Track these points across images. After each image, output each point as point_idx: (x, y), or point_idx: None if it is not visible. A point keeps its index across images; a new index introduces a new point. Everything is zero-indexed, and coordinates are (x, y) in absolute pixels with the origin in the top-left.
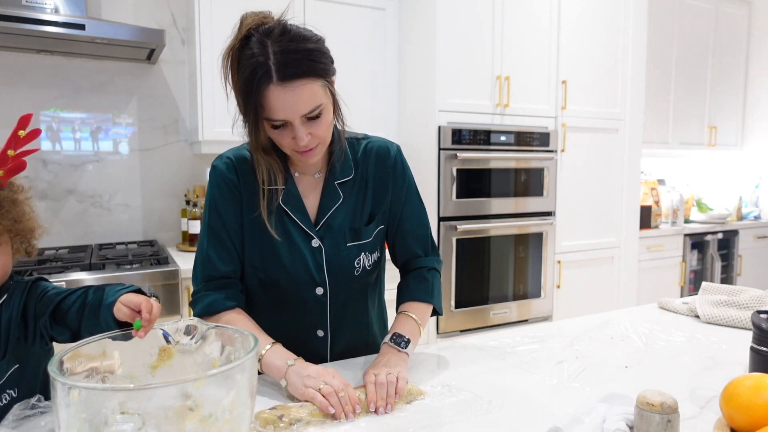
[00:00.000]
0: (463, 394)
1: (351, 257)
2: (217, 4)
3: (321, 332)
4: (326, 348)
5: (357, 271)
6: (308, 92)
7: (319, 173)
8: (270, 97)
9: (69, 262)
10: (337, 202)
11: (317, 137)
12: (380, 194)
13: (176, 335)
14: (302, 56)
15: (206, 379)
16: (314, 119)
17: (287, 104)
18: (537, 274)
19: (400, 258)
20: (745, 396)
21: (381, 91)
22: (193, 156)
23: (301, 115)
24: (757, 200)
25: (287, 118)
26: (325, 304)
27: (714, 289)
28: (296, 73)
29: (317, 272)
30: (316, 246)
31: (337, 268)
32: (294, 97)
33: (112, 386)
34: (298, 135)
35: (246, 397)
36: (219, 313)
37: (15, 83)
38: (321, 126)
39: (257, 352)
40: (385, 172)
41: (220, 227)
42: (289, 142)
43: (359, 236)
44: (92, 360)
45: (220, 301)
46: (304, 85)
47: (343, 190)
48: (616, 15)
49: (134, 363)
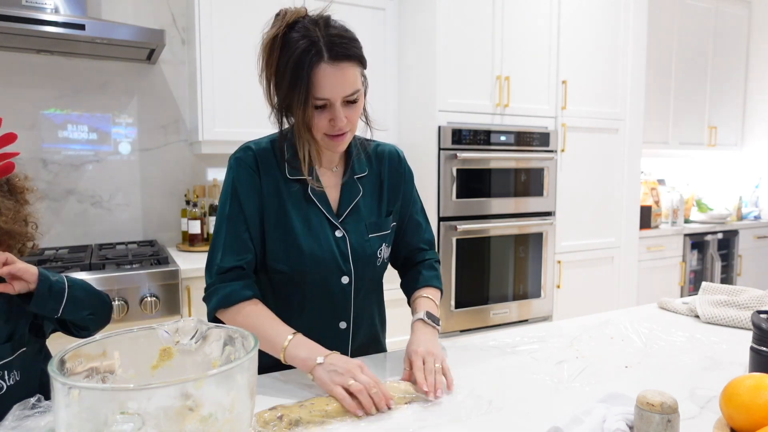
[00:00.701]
0: (463, 394)
1: (374, 247)
2: (217, 4)
3: (344, 324)
4: (347, 342)
5: (379, 261)
6: (352, 75)
7: (336, 167)
8: (320, 75)
9: (69, 262)
10: (358, 195)
11: (351, 122)
12: (393, 194)
13: (176, 335)
14: (349, 41)
15: (206, 379)
16: (352, 104)
17: (336, 82)
18: (537, 274)
19: (403, 252)
20: (745, 396)
21: (381, 91)
22: (193, 156)
23: (344, 95)
24: (757, 200)
25: (332, 97)
26: (349, 294)
27: (714, 289)
28: (345, 55)
29: (343, 261)
30: (340, 236)
31: (361, 256)
32: (342, 77)
33: (112, 386)
34: (337, 116)
35: (246, 397)
36: (238, 303)
37: (15, 83)
38: (356, 111)
39: (271, 350)
40: (398, 174)
41: (238, 216)
42: (326, 125)
43: (380, 228)
44: (92, 360)
45: (237, 291)
46: (350, 68)
47: (362, 184)
48: (616, 15)
49: (134, 363)
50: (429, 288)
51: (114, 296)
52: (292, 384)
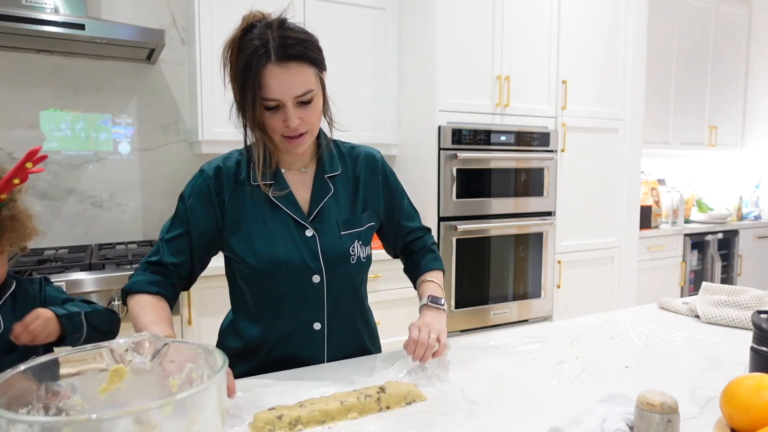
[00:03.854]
0: (462, 395)
1: (345, 245)
2: (217, 4)
3: (318, 325)
4: (323, 344)
5: (353, 259)
6: (302, 76)
7: (305, 168)
8: (267, 76)
9: (69, 262)
10: (329, 194)
11: (307, 122)
12: (370, 193)
13: (128, 353)
14: (298, 42)
15: (169, 405)
16: (305, 104)
17: (283, 83)
18: (537, 274)
19: (400, 238)
20: (745, 396)
21: (381, 91)
22: (193, 156)
23: (294, 96)
24: (757, 200)
25: (281, 98)
26: (322, 293)
27: (714, 289)
28: (292, 55)
29: (313, 260)
30: (310, 235)
31: (332, 255)
32: (289, 77)
33: (56, 419)
34: (289, 116)
35: (216, 426)
36: (136, 294)
37: (15, 83)
38: (311, 112)
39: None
40: (374, 172)
41: (180, 224)
42: (280, 126)
43: (352, 225)
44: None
45: (142, 283)
46: (298, 68)
47: (333, 183)
48: (616, 15)
49: (81, 386)
50: (430, 272)
51: (114, 296)
52: (292, 384)
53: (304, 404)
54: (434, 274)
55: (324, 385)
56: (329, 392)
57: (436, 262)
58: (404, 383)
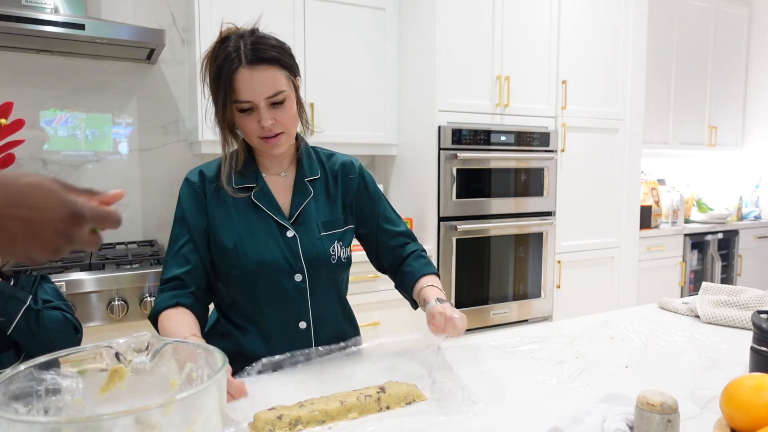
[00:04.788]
0: (462, 395)
1: (326, 245)
2: (217, 4)
3: (303, 324)
4: (311, 343)
5: (333, 259)
6: (272, 77)
7: (285, 172)
8: (239, 79)
9: (69, 262)
10: (309, 196)
11: (281, 123)
12: (348, 196)
13: (128, 353)
14: (269, 47)
15: (170, 405)
16: (278, 105)
17: (254, 85)
18: (537, 274)
19: (385, 244)
20: (745, 396)
21: (381, 91)
22: (192, 156)
23: (265, 96)
24: (757, 200)
25: (253, 99)
26: (305, 291)
27: (714, 289)
28: (262, 59)
29: (294, 260)
30: (291, 236)
31: (313, 254)
32: (259, 79)
33: (56, 419)
34: (262, 116)
35: (216, 426)
36: (159, 314)
37: (15, 83)
38: (284, 113)
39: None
40: (351, 176)
41: (181, 232)
42: (255, 127)
43: (332, 226)
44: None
45: (163, 301)
46: (268, 70)
47: (312, 186)
48: (616, 15)
49: (81, 385)
50: (427, 276)
51: (114, 296)
52: (292, 384)
53: (304, 404)
54: (431, 279)
55: (324, 385)
56: (329, 392)
57: (429, 267)
58: (404, 383)
